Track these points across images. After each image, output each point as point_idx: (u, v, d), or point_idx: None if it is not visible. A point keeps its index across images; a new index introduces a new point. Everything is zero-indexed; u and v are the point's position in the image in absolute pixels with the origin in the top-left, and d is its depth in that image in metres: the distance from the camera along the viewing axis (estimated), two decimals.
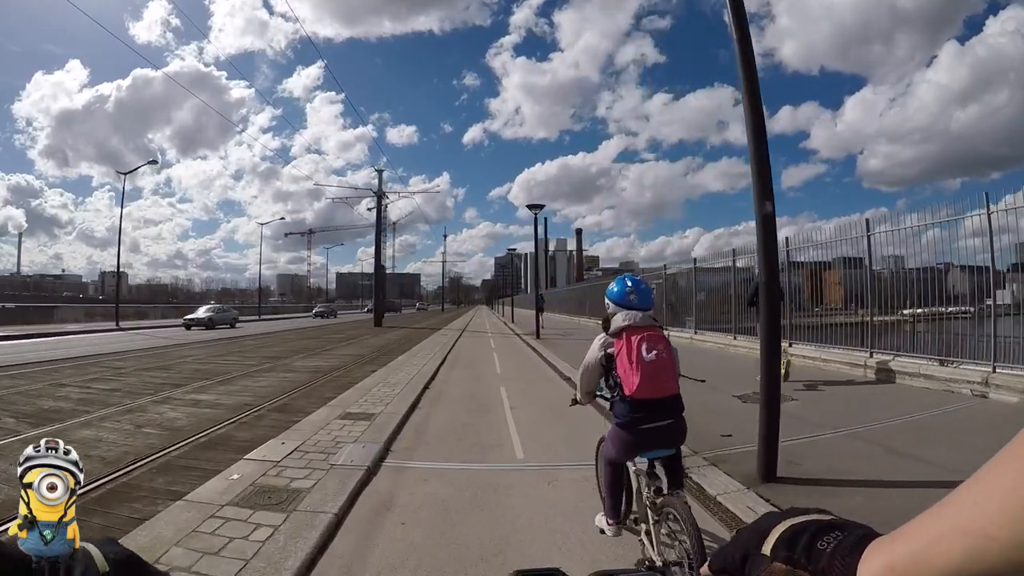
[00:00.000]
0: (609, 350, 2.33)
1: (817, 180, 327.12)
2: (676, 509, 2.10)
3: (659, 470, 2.36)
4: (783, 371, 7.92)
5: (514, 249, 43.92)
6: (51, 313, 32.64)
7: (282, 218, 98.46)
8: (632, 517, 2.54)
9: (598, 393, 2.54)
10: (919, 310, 7.33)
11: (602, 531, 2.69)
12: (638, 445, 2.30)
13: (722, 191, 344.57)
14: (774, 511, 0.49)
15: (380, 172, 32.06)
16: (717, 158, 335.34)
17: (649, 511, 2.26)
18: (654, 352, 2.22)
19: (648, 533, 2.30)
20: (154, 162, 31.24)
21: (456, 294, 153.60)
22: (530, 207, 17.40)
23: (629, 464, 2.48)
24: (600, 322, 2.49)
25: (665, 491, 2.28)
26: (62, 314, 32.99)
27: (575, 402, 2.72)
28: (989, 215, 6.13)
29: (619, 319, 2.33)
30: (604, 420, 3.63)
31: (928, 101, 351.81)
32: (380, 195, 31.58)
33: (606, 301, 2.46)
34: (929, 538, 0.35)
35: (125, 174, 28.50)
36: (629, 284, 2.41)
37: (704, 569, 0.50)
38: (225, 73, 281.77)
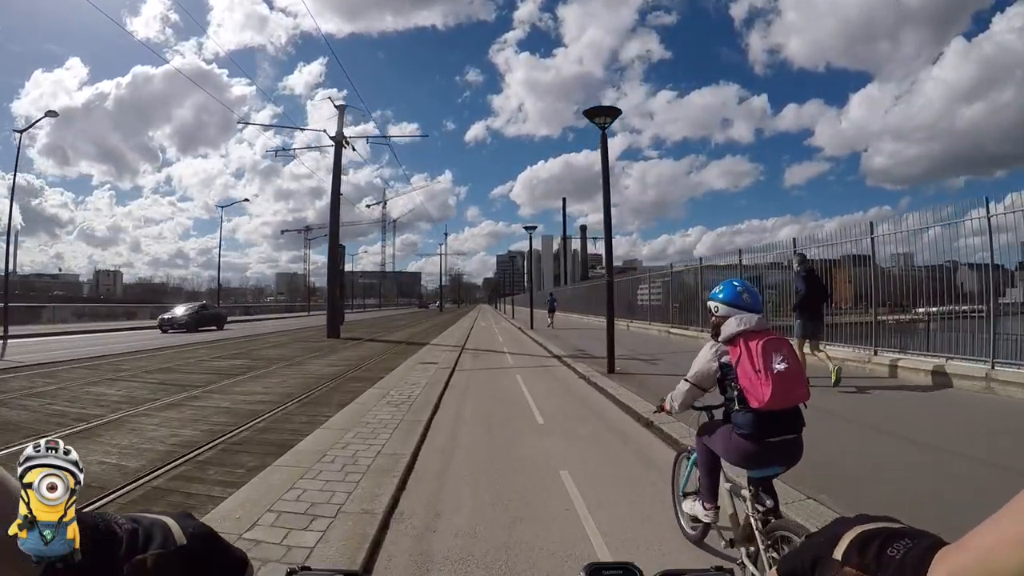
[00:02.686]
0: (724, 359, 2.16)
1: (820, 178, 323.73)
2: (794, 534, 1.86)
3: (764, 489, 2.11)
4: (834, 378, 6.61)
5: (533, 227, 28.21)
6: (39, 313, 31.01)
7: (246, 199, 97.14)
8: (728, 539, 2.34)
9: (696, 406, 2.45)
10: None
11: (695, 519, 2.58)
12: (760, 459, 2.08)
13: (725, 189, 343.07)
14: (845, 517, 0.48)
15: (341, 109, 22.00)
16: (720, 156, 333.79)
17: (758, 534, 2.01)
18: (782, 358, 2.01)
19: (751, 557, 2.09)
20: (53, 113, 24.04)
21: (457, 293, 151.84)
22: (588, 115, 9.92)
23: (723, 479, 2.38)
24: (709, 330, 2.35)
25: (774, 514, 2.03)
26: (50, 314, 31.15)
27: (660, 410, 2.52)
28: None
29: (732, 324, 2.14)
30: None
31: (934, 98, 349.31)
32: (339, 142, 21.62)
33: (713, 305, 2.25)
34: (990, 546, 0.35)
35: (21, 132, 22.63)
36: (738, 285, 2.24)
37: (772, 573, 0.50)
38: (226, 71, 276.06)
